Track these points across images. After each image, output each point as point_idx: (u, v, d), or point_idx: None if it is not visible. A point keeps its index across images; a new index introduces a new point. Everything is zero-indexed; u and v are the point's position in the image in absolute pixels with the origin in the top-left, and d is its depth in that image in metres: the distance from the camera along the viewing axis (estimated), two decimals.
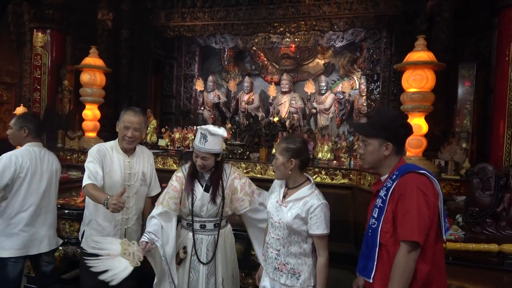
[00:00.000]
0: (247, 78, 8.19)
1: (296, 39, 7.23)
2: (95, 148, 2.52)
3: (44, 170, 2.78)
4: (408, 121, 1.87)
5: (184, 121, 7.75)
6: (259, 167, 5.08)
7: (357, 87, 7.51)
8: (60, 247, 3.23)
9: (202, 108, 8.25)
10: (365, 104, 6.93)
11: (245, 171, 5.01)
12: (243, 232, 2.67)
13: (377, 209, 1.75)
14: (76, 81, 5.87)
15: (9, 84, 7.38)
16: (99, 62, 5.60)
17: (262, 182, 4.99)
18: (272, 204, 2.16)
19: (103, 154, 2.50)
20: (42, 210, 2.76)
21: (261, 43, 7.44)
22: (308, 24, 6.06)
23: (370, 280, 1.74)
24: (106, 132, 5.80)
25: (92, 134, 5.71)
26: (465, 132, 4.37)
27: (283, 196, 2.14)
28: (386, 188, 1.74)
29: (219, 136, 2.28)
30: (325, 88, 7.62)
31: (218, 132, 2.26)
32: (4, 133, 3.52)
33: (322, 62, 7.98)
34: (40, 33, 5.96)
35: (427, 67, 4.10)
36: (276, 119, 6.69)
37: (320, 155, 5.18)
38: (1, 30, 6.91)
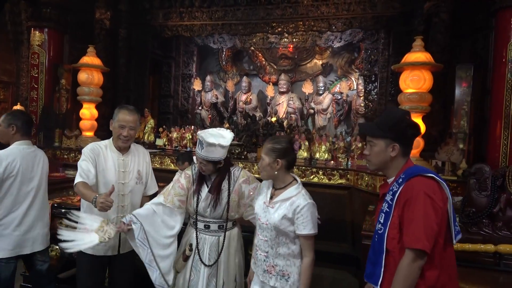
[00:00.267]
0: (245, 78, 8.19)
1: (294, 40, 7.24)
2: (88, 146, 2.51)
3: (35, 168, 2.74)
4: (415, 121, 1.78)
5: (182, 121, 7.75)
6: (256, 167, 5.08)
7: (355, 88, 7.53)
8: (57, 247, 3.22)
9: (200, 108, 8.24)
10: (362, 105, 6.94)
11: None
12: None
13: (383, 214, 1.68)
14: (73, 80, 5.86)
15: (6, 83, 7.36)
16: (96, 61, 5.59)
17: (260, 182, 5.00)
18: (260, 205, 2.13)
19: (97, 152, 2.48)
20: (34, 209, 2.74)
21: (259, 43, 7.45)
22: (306, 25, 6.07)
23: (378, 287, 1.68)
24: (103, 131, 5.79)
25: (90, 133, 5.70)
26: (462, 133, 4.38)
27: (270, 197, 2.12)
28: (392, 192, 1.66)
29: (217, 146, 2.20)
30: (323, 88, 7.63)
31: (212, 142, 2.19)
32: None
33: (320, 62, 7.99)
34: (37, 32, 5.95)
35: (424, 68, 4.11)
36: (274, 119, 6.70)
37: (317, 155, 5.18)
38: None
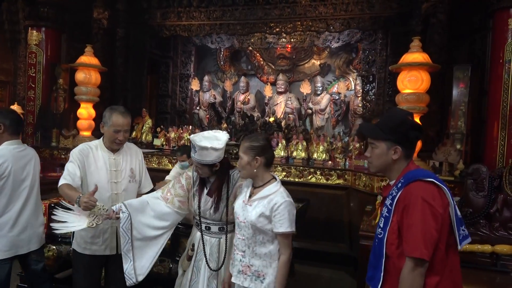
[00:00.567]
0: (243, 78, 8.18)
1: (292, 40, 7.23)
2: (77, 148, 2.50)
3: (27, 168, 2.72)
4: (418, 123, 1.78)
5: (180, 121, 7.73)
6: None
7: (353, 88, 7.53)
8: (54, 247, 3.22)
9: (197, 108, 8.23)
10: (360, 105, 6.95)
11: None
12: None
13: (383, 219, 1.67)
14: (71, 79, 5.85)
15: (3, 82, 7.33)
16: (94, 60, 5.58)
17: None
18: (239, 204, 2.12)
19: (86, 153, 2.47)
20: (28, 208, 2.72)
21: (257, 43, 7.44)
22: (304, 25, 6.07)
23: None
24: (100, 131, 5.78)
25: (87, 133, 5.68)
26: (459, 134, 4.39)
27: (249, 196, 2.10)
28: (391, 197, 1.64)
29: (210, 149, 2.15)
30: (320, 88, 7.63)
31: (204, 145, 2.15)
32: None
33: (318, 62, 7.99)
34: (35, 31, 5.93)
35: (422, 68, 4.12)
36: (271, 119, 6.70)
37: (315, 156, 5.19)
38: None
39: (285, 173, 4.97)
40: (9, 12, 6.80)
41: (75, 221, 2.22)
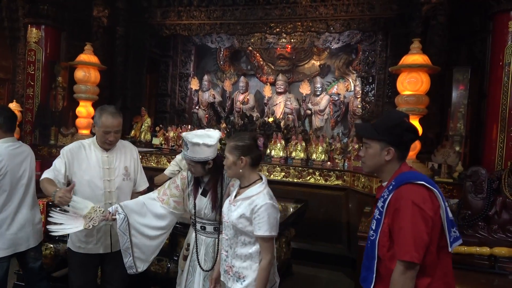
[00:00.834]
0: (242, 78, 8.17)
1: (292, 40, 7.23)
2: (69, 146, 2.50)
3: (23, 166, 2.71)
4: (414, 125, 1.75)
5: (179, 120, 7.73)
6: None
7: (352, 89, 7.53)
8: (51, 245, 3.21)
9: (197, 107, 8.22)
10: (360, 106, 6.95)
11: None
12: None
13: (374, 221, 1.67)
14: (70, 77, 5.84)
15: (2, 80, 7.31)
16: (93, 59, 5.56)
17: None
18: (226, 204, 2.09)
19: (77, 151, 2.47)
20: (25, 206, 2.72)
21: (257, 43, 7.43)
22: (304, 25, 6.07)
23: None
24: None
25: (86, 132, 5.67)
26: (459, 136, 4.39)
27: (235, 196, 2.06)
28: (383, 199, 1.65)
29: (202, 146, 2.17)
30: (320, 89, 7.63)
31: (196, 141, 2.17)
32: None
33: (318, 63, 7.99)
34: (34, 29, 5.92)
35: (422, 70, 4.12)
36: (271, 119, 6.70)
37: (314, 156, 5.19)
38: None
39: (284, 174, 4.97)
40: (8, 10, 6.79)
41: (71, 223, 2.23)
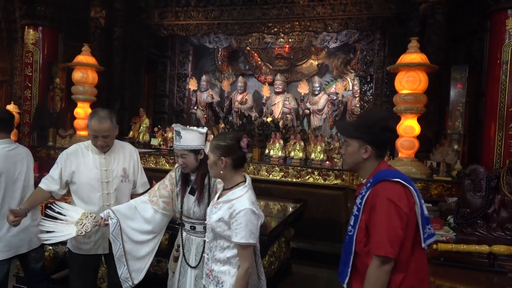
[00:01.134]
0: (240, 78, 8.17)
1: (290, 40, 7.23)
2: (67, 149, 2.54)
3: (18, 167, 2.71)
4: (393, 125, 1.81)
5: (177, 121, 7.70)
6: (252, 167, 5.08)
7: (351, 88, 7.54)
8: (50, 247, 3.20)
9: (195, 108, 8.22)
10: (358, 105, 6.96)
11: None
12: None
13: (353, 217, 1.72)
14: (68, 79, 5.82)
15: (0, 82, 7.28)
16: (91, 60, 5.55)
17: (255, 182, 4.98)
18: (210, 205, 2.06)
19: (74, 154, 2.50)
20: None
21: (255, 43, 7.43)
22: (302, 25, 6.07)
23: (345, 286, 1.74)
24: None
25: (84, 133, 5.65)
26: (457, 134, 4.40)
27: (218, 197, 2.01)
28: (361, 196, 1.70)
29: (195, 132, 2.22)
30: (318, 89, 7.63)
31: (191, 127, 2.23)
32: None
33: (316, 63, 7.99)
34: (31, 30, 5.90)
35: (420, 69, 4.13)
36: (269, 119, 6.69)
37: (313, 156, 5.19)
38: None
39: (282, 174, 4.97)
40: (5, 11, 6.77)
41: (63, 230, 2.23)
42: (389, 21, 5.67)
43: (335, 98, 7.63)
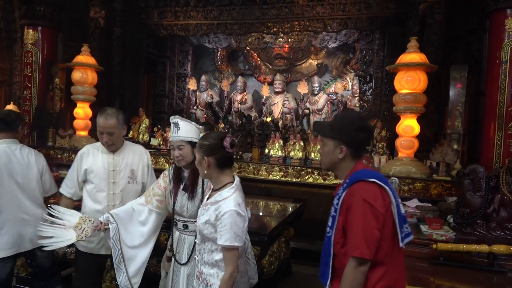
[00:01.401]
0: (240, 78, 8.17)
1: (289, 40, 7.23)
2: (80, 151, 2.63)
3: (17, 166, 2.72)
4: (368, 125, 1.79)
5: None
6: (252, 167, 5.08)
7: (350, 88, 7.54)
8: None
9: (194, 108, 8.21)
10: (357, 105, 6.96)
11: (237, 171, 5.00)
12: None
13: (331, 218, 1.72)
14: (67, 79, 5.81)
15: None
16: (91, 60, 5.55)
17: (255, 182, 5.00)
18: (200, 207, 2.04)
19: (86, 154, 2.59)
20: (25, 206, 2.72)
21: (255, 43, 7.43)
22: (301, 25, 6.07)
23: (326, 287, 1.73)
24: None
25: (83, 133, 5.66)
26: (456, 134, 4.41)
27: (208, 198, 1.99)
28: (338, 197, 1.69)
29: (192, 125, 2.28)
30: (318, 88, 7.63)
31: (188, 119, 2.30)
32: None
33: (315, 62, 7.99)
34: (31, 30, 5.89)
35: (419, 68, 4.13)
36: (269, 119, 6.70)
37: (312, 156, 5.18)
38: None
39: (282, 173, 4.97)
40: (5, 11, 6.76)
41: (62, 235, 2.21)
42: (389, 20, 5.67)
43: (334, 98, 7.63)
